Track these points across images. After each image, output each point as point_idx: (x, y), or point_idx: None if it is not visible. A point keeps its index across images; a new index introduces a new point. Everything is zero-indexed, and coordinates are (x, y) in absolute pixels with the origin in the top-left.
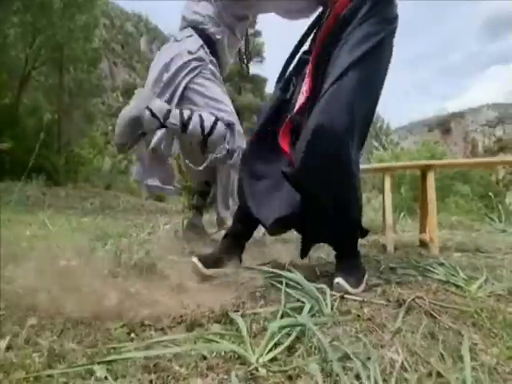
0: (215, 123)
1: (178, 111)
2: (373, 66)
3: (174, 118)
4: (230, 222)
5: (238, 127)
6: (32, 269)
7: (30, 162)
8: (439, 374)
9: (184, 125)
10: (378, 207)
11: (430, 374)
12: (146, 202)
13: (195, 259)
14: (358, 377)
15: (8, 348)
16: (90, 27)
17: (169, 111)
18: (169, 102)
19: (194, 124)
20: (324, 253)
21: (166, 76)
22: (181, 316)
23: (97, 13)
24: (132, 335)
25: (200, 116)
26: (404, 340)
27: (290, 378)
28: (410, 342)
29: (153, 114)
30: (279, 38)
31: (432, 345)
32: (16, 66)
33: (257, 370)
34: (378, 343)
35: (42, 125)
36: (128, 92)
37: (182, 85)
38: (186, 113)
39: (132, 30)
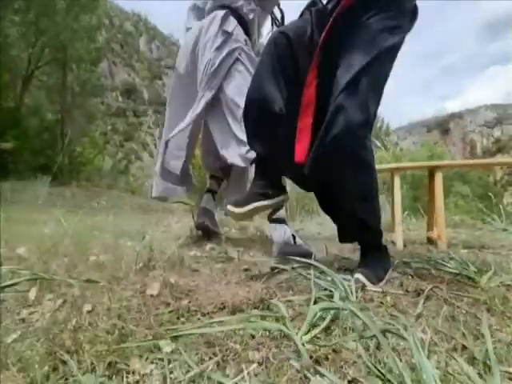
0: None
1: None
2: (385, 66)
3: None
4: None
5: None
6: (68, 262)
7: (57, 164)
8: (463, 348)
9: None
10: (382, 206)
11: (455, 349)
12: (152, 201)
13: (229, 206)
14: (393, 349)
15: (75, 330)
16: (94, 27)
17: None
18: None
19: None
20: (337, 249)
21: (212, 58)
22: (222, 303)
23: (100, 13)
24: (181, 319)
25: None
26: (427, 322)
27: (334, 351)
28: (433, 323)
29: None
30: None
31: (454, 325)
32: (18, 65)
33: (303, 345)
34: (405, 324)
35: (44, 125)
36: (127, 92)
37: (223, 70)
38: None
39: (131, 29)
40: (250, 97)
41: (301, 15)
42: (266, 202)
